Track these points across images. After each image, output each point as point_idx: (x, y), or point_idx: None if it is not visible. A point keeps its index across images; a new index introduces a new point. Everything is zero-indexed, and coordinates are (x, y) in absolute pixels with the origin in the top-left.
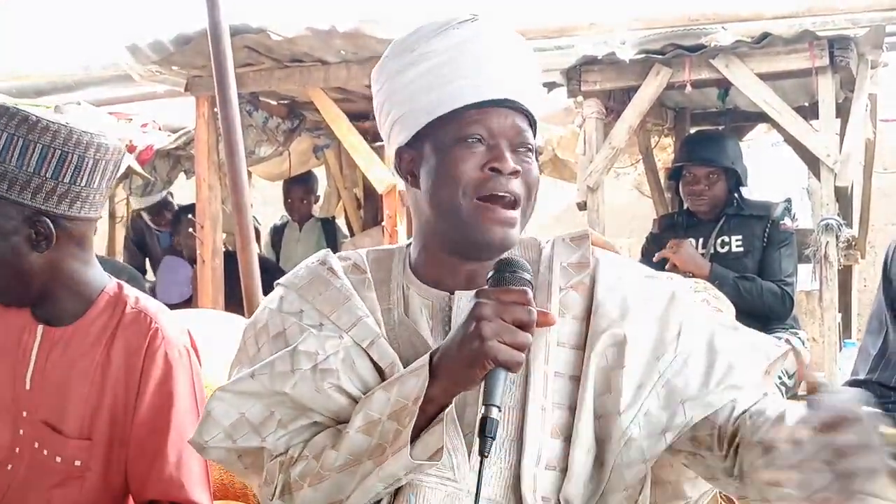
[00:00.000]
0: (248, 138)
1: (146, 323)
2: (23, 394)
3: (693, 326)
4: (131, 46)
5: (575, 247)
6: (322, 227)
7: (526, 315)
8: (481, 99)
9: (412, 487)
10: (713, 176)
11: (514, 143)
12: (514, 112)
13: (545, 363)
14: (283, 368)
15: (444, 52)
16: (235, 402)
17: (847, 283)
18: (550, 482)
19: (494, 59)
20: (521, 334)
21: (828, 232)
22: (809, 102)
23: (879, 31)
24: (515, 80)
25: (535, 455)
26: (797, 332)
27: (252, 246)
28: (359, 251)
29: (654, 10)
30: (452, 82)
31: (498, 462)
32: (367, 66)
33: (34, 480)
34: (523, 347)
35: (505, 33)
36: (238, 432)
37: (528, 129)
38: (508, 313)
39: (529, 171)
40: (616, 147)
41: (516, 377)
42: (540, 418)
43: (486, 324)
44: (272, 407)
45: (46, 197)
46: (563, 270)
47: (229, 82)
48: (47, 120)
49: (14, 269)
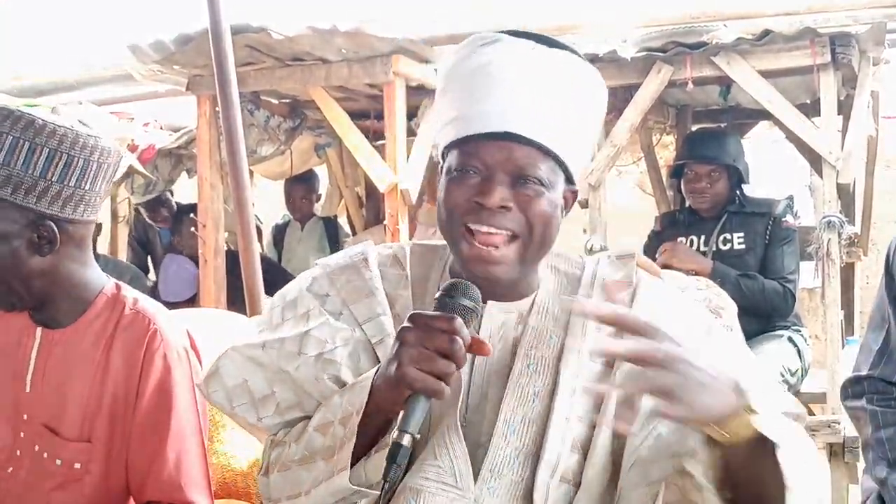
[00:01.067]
0: (250, 137)
1: (145, 324)
2: (23, 396)
3: (721, 360)
4: (132, 46)
5: (621, 264)
6: (324, 225)
7: (447, 343)
8: (479, 132)
9: (412, 492)
10: (715, 173)
11: (513, 176)
12: (519, 145)
13: (574, 377)
14: (291, 349)
15: (467, 76)
16: (242, 366)
17: (849, 280)
18: (563, 495)
19: (504, 88)
20: (441, 363)
21: (830, 229)
22: (811, 99)
23: (881, 27)
24: (524, 111)
25: (552, 468)
26: (799, 330)
27: (254, 245)
28: (402, 243)
29: (656, 8)
30: (463, 109)
31: (509, 474)
32: (368, 64)
33: (34, 483)
34: (443, 376)
35: (525, 57)
36: (237, 399)
37: (538, 161)
38: (430, 340)
39: (529, 204)
40: (618, 145)
41: (541, 390)
42: (562, 430)
43: (405, 349)
44: (274, 384)
45: (52, 201)
46: (605, 287)
47: (230, 81)
48: (53, 123)
49: (15, 273)
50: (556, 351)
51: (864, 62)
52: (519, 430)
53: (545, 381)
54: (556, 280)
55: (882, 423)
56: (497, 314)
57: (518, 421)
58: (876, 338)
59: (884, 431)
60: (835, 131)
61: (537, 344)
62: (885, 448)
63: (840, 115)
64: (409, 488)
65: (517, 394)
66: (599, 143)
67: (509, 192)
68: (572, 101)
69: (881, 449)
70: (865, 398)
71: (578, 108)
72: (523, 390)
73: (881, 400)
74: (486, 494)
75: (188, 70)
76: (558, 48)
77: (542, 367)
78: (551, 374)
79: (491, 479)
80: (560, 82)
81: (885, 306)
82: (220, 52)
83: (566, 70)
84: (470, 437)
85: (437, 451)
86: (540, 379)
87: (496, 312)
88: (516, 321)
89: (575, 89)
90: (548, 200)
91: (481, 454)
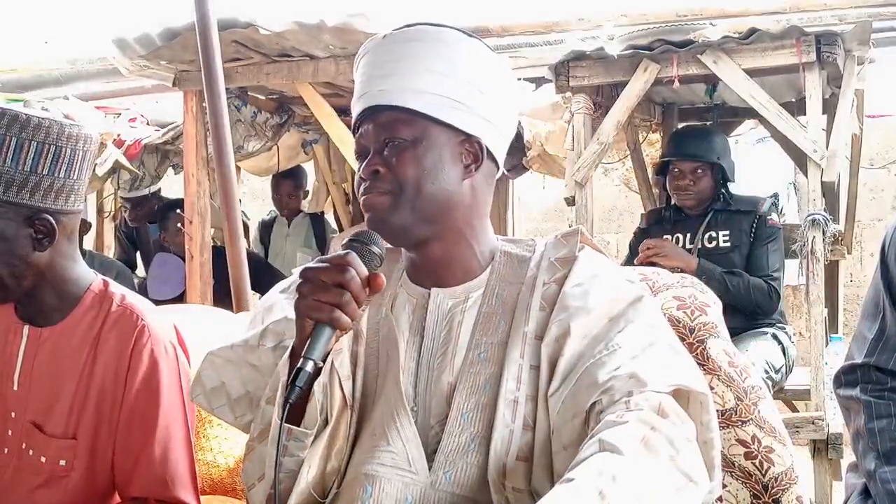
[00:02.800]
0: (237, 133)
1: (132, 320)
2: (10, 395)
3: (640, 329)
4: (118, 40)
5: (564, 243)
6: (311, 222)
7: (339, 274)
8: (356, 117)
9: (368, 478)
10: (699, 171)
11: (381, 143)
12: (382, 113)
13: (521, 357)
14: (252, 342)
15: (358, 67)
16: (219, 368)
17: (833, 278)
18: (523, 473)
19: (366, 74)
20: (334, 291)
21: (814, 227)
22: (796, 98)
23: (866, 27)
24: (382, 82)
25: (505, 447)
26: (784, 327)
27: (240, 241)
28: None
29: (643, 6)
30: (352, 105)
31: (465, 458)
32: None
33: (18, 480)
34: (340, 305)
35: (384, 42)
36: (216, 401)
37: (399, 122)
38: (326, 273)
39: (393, 161)
40: (604, 142)
41: (491, 376)
42: (511, 411)
43: (304, 284)
44: (247, 382)
45: (45, 194)
46: (550, 265)
47: (217, 77)
48: (37, 117)
49: (17, 270)
50: (503, 336)
51: (849, 61)
52: (473, 416)
53: (494, 367)
54: (507, 263)
55: (875, 413)
56: (443, 300)
57: (471, 408)
58: (870, 326)
59: (876, 422)
60: (820, 130)
61: (487, 331)
62: (877, 440)
63: (825, 114)
64: (365, 475)
65: (469, 382)
66: (586, 140)
67: (380, 158)
68: (436, 62)
69: (872, 440)
70: (860, 387)
71: (443, 65)
72: (475, 378)
73: (875, 390)
74: (443, 480)
75: (175, 65)
76: (412, 27)
77: (491, 354)
78: (500, 358)
79: (447, 464)
80: (416, 49)
81: (880, 294)
82: (207, 47)
83: (423, 38)
84: (420, 422)
85: (389, 435)
86: (490, 365)
87: (442, 298)
88: (462, 305)
89: (436, 50)
90: (413, 155)
91: (433, 439)
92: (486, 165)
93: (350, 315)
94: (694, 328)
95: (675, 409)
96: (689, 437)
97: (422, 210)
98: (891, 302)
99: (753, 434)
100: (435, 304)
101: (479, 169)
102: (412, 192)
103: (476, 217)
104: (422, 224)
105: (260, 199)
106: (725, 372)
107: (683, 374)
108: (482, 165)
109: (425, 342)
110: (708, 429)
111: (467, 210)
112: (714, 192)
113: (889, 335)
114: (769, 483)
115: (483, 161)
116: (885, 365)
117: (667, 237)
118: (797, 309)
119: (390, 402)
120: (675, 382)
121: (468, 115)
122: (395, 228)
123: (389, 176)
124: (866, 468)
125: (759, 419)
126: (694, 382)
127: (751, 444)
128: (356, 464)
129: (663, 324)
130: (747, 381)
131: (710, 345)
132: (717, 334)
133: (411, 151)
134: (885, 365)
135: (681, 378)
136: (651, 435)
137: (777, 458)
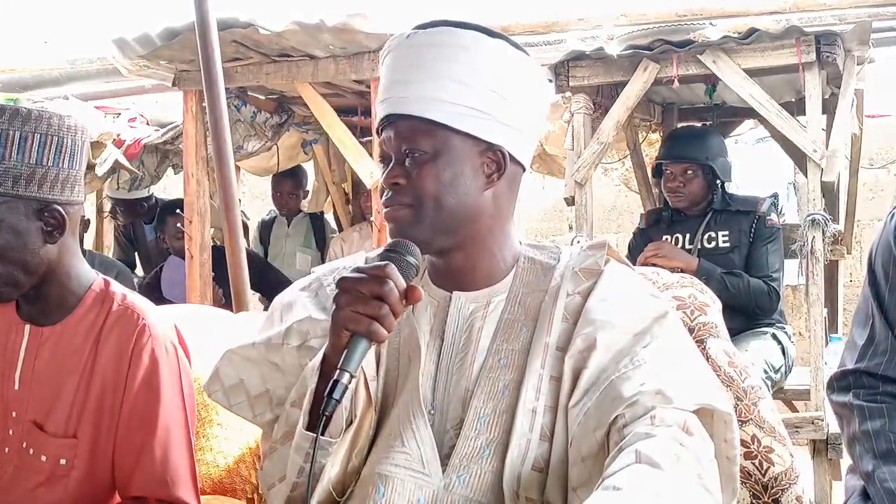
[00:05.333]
0: (237, 133)
1: (133, 320)
2: (11, 394)
3: (665, 345)
4: (118, 40)
5: (590, 253)
6: (311, 221)
7: (378, 286)
8: (379, 118)
9: (381, 478)
10: (689, 172)
11: (402, 153)
12: (403, 122)
13: (541, 367)
14: (276, 341)
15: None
16: (238, 366)
17: (833, 278)
18: (537, 484)
19: (387, 79)
20: (374, 304)
21: (814, 227)
22: (796, 98)
23: (865, 27)
24: (402, 91)
25: (521, 456)
26: (783, 327)
27: (240, 241)
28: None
29: (642, 6)
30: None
31: (480, 463)
32: (355, 60)
33: (20, 479)
34: (378, 317)
35: (404, 45)
36: (234, 398)
37: (419, 133)
38: (364, 285)
39: (413, 174)
40: (604, 142)
41: (510, 382)
42: (529, 420)
43: (341, 295)
44: (267, 380)
45: (51, 186)
46: (574, 276)
47: (217, 77)
48: (37, 110)
49: (30, 265)
50: (525, 343)
51: (848, 61)
52: (490, 421)
53: (514, 374)
54: (531, 270)
55: (868, 416)
56: (465, 304)
57: (489, 412)
58: (861, 333)
59: (870, 424)
60: (819, 130)
61: (508, 338)
62: (872, 441)
63: (825, 114)
64: (379, 475)
65: (488, 387)
66: (585, 140)
67: (401, 169)
68: (456, 70)
69: (868, 442)
70: (852, 392)
71: (464, 73)
72: (494, 384)
73: (868, 394)
74: (456, 483)
75: (174, 65)
76: (435, 27)
77: (511, 361)
78: (520, 365)
79: (461, 467)
80: (436, 56)
81: (869, 302)
82: (206, 47)
83: (444, 42)
84: (436, 425)
85: (405, 436)
86: (510, 371)
87: (464, 302)
88: (483, 310)
89: (456, 58)
90: (433, 169)
91: (448, 442)
92: (509, 170)
93: (387, 327)
94: (694, 328)
95: (698, 428)
96: (711, 457)
97: (442, 223)
98: (879, 309)
99: (753, 434)
100: (456, 307)
101: (501, 177)
102: (432, 206)
103: (498, 224)
104: (442, 236)
105: (260, 199)
106: (725, 372)
107: (709, 393)
108: (505, 172)
109: (445, 345)
110: (731, 446)
111: (489, 219)
112: (707, 194)
113: (878, 341)
114: (769, 483)
115: (506, 168)
116: (875, 370)
117: (666, 237)
118: (797, 309)
119: (408, 404)
120: (701, 402)
121: (490, 124)
122: (416, 241)
123: (410, 189)
124: (864, 470)
125: (758, 419)
126: (719, 402)
127: (750, 443)
128: (371, 463)
129: (688, 339)
130: (747, 381)
131: (709, 345)
132: (717, 334)
133: (431, 165)
134: (876, 370)
135: (706, 397)
136: (681, 451)
137: (777, 457)
